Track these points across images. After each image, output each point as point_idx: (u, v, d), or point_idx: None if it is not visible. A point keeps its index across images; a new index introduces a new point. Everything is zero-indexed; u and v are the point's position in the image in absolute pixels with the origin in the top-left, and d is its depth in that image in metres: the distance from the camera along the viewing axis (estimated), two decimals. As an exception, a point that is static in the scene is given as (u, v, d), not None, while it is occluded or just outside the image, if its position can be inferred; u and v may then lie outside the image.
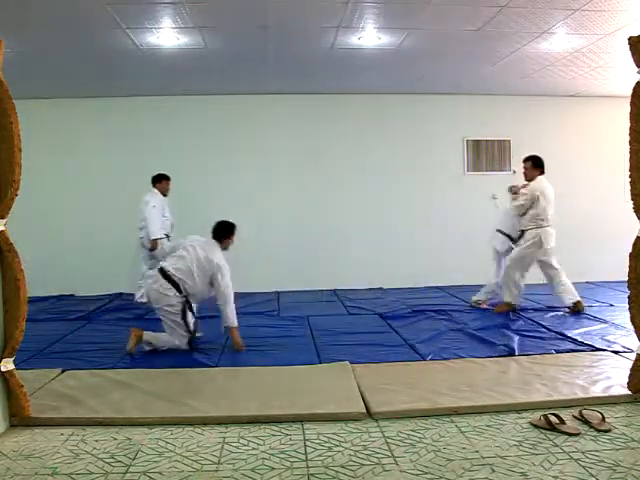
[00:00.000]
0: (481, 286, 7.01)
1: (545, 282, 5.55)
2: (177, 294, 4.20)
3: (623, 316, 4.58)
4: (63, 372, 3.56)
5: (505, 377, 3.36)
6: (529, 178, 5.50)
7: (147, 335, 4.17)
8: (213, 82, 6.52)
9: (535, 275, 7.17)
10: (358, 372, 3.47)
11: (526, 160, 5.60)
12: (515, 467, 2.24)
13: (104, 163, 7.03)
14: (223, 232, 4.44)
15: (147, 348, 4.17)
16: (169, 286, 4.19)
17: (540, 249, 5.33)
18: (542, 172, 5.50)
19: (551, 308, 5.54)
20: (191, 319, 4.34)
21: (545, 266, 5.49)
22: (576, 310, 5.29)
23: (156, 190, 6.14)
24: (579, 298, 5.36)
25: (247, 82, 6.53)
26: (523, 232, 5.44)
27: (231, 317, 4.23)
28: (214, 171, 7.09)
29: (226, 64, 5.78)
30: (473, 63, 5.91)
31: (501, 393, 3.05)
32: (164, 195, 6.17)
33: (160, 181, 6.16)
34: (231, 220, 4.51)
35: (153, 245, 5.94)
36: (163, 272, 4.24)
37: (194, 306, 4.47)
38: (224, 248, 4.45)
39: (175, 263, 4.26)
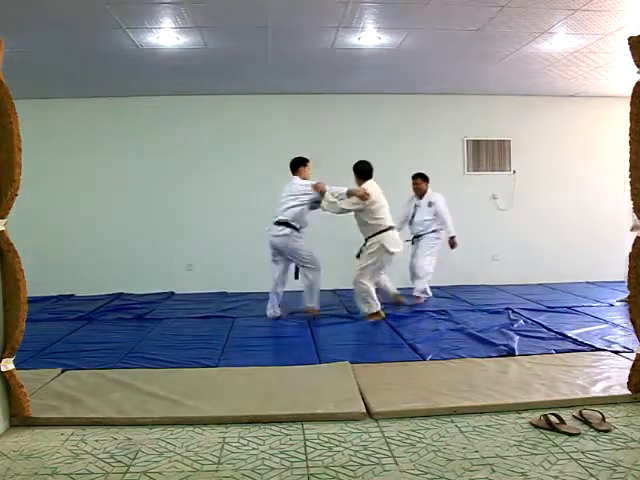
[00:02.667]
0: (481, 286, 7.06)
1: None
2: (294, 232, 5.18)
3: (623, 316, 4.58)
4: (63, 372, 3.56)
5: (505, 377, 3.35)
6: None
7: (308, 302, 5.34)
8: (213, 82, 6.52)
9: (535, 275, 7.25)
10: (358, 372, 3.47)
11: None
12: (515, 467, 2.24)
13: (104, 163, 7.03)
14: (295, 166, 5.43)
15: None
16: (282, 227, 5.16)
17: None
18: None
19: (551, 308, 5.54)
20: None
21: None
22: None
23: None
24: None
25: (247, 82, 6.52)
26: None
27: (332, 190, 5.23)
28: (214, 171, 7.09)
29: (226, 64, 5.78)
30: (473, 63, 5.91)
31: (501, 393, 3.05)
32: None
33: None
34: (301, 156, 5.50)
35: None
36: (277, 222, 5.20)
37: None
38: (304, 178, 5.38)
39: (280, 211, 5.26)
